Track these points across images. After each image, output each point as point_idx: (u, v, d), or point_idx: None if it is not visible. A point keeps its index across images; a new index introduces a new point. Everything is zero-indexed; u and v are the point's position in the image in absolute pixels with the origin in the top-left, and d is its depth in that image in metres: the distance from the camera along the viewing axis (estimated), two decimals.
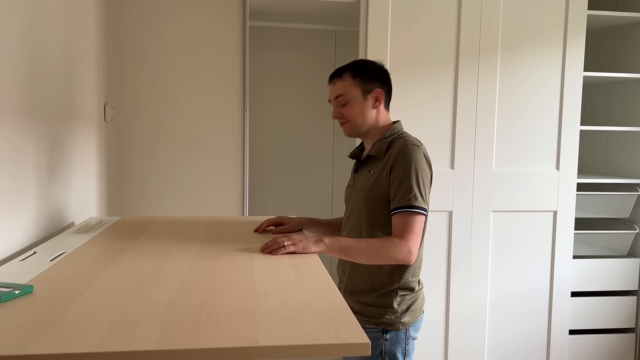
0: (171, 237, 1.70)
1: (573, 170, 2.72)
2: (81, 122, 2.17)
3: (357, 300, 1.74)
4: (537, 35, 2.64)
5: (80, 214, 2.12)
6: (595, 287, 2.86)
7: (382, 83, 1.76)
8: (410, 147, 1.65)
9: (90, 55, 2.34)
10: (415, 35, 2.57)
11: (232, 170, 2.91)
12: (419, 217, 1.61)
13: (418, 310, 1.75)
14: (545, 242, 2.74)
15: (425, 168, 1.65)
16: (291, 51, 3.29)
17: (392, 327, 1.69)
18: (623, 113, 3.03)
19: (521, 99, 2.66)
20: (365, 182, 1.74)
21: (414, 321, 1.73)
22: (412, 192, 1.60)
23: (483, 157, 2.65)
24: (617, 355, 2.89)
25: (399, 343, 1.70)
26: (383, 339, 1.70)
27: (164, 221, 1.97)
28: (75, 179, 2.08)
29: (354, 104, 1.74)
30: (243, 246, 1.57)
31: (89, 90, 2.29)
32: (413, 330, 1.74)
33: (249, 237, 1.74)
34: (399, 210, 1.61)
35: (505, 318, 2.72)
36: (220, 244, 1.60)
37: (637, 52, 2.93)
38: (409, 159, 1.62)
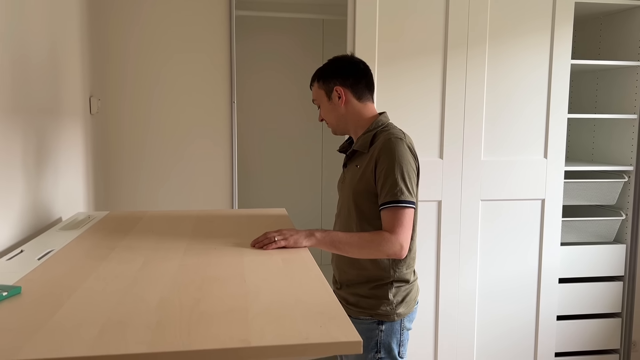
0: (160, 232, 1.69)
1: (561, 158, 2.73)
2: (66, 116, 2.14)
3: (353, 292, 1.76)
4: (524, 24, 2.63)
5: (67, 208, 2.10)
6: (583, 274, 2.90)
7: (343, 78, 1.75)
8: (394, 140, 1.64)
9: (75, 47, 2.30)
10: (404, 25, 2.56)
11: (221, 162, 2.89)
12: (407, 211, 1.61)
13: (412, 301, 1.76)
14: (534, 229, 2.76)
15: (409, 160, 1.65)
16: (279, 41, 3.26)
17: (388, 319, 1.71)
18: (610, 100, 3.05)
19: (509, 88, 2.66)
20: (352, 177, 1.74)
21: (409, 312, 1.75)
22: (398, 187, 1.60)
23: (472, 147, 2.66)
24: (603, 339, 2.94)
25: (394, 334, 1.72)
26: (378, 330, 1.72)
27: (152, 216, 1.96)
28: (62, 173, 2.06)
29: (323, 107, 1.80)
30: (233, 241, 1.56)
31: (73, 82, 2.26)
32: (408, 321, 1.75)
33: (239, 231, 1.73)
34: (387, 206, 1.61)
35: (494, 305, 2.75)
36: (210, 238, 1.60)
37: (623, 39, 2.94)
38: (393, 153, 1.62)
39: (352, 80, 1.74)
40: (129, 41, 2.78)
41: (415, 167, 1.68)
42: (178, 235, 1.64)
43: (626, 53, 2.91)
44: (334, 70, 1.76)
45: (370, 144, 1.70)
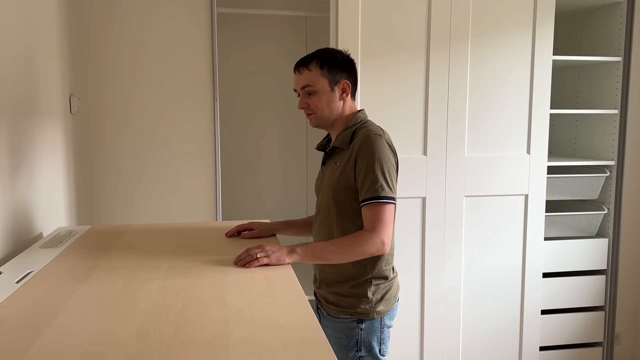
0: (142, 249, 1.66)
1: (543, 153, 2.75)
2: (45, 116, 2.09)
3: (332, 291, 1.76)
4: (506, 20, 2.63)
5: (48, 216, 2.06)
6: (566, 268, 2.93)
7: (348, 73, 1.74)
8: (373, 137, 1.64)
9: (53, 45, 2.24)
10: (387, 21, 2.54)
11: (204, 160, 2.86)
12: (388, 207, 1.61)
13: (393, 298, 1.76)
14: (517, 225, 2.78)
15: (389, 157, 1.65)
16: (261, 38, 3.22)
17: (368, 317, 1.71)
18: (591, 96, 3.06)
19: (492, 83, 2.66)
20: (332, 175, 1.73)
21: (389, 309, 1.75)
22: (379, 183, 1.60)
23: (455, 143, 2.66)
24: (587, 333, 2.98)
25: (374, 332, 1.72)
26: (358, 329, 1.72)
27: (134, 230, 1.92)
28: (42, 177, 2.02)
29: (321, 95, 1.72)
30: (216, 258, 1.54)
31: (52, 81, 2.21)
32: (388, 318, 1.75)
33: (221, 246, 1.72)
34: (367, 202, 1.61)
35: (479, 300, 2.77)
36: (193, 255, 1.57)
37: (604, 35, 2.95)
38: (372, 149, 1.62)
39: (353, 78, 1.76)
40: (109, 39, 2.73)
41: (394, 164, 1.68)
42: (160, 251, 1.62)
43: (607, 49, 2.92)
44: (342, 63, 1.73)
45: (350, 141, 1.69)
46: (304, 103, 1.74)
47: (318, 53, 1.75)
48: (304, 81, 1.72)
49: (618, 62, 2.86)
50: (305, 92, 1.73)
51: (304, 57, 1.75)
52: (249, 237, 1.83)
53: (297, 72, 1.75)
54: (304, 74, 1.73)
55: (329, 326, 1.78)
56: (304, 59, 1.74)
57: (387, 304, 1.74)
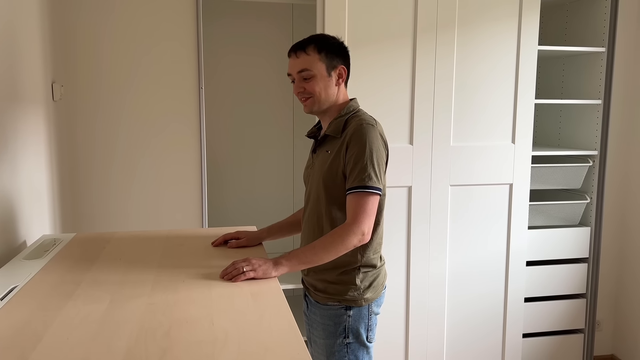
0: (128, 260, 1.64)
1: (528, 143, 2.77)
2: (26, 103, 2.05)
3: (321, 279, 1.76)
4: (492, 10, 2.64)
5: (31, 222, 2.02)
6: (549, 256, 2.96)
7: (345, 59, 1.75)
8: (366, 126, 1.64)
9: (34, 30, 2.21)
10: (374, 9, 2.54)
11: (190, 149, 2.85)
12: (372, 197, 1.62)
13: (380, 285, 1.78)
14: (502, 214, 2.80)
15: (380, 147, 1.65)
16: (247, 26, 3.19)
17: (355, 304, 1.72)
18: (576, 86, 3.09)
19: (478, 73, 2.67)
20: (323, 163, 1.73)
21: (377, 297, 1.76)
22: (367, 172, 1.61)
23: (441, 132, 2.67)
24: (569, 320, 3.02)
25: (362, 319, 1.73)
26: (346, 316, 1.73)
27: (120, 239, 1.90)
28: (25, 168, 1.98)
29: (318, 80, 1.69)
30: (202, 272, 1.52)
31: (33, 67, 2.17)
32: (375, 305, 1.77)
33: (208, 257, 1.70)
34: (353, 191, 1.62)
35: (463, 288, 2.79)
36: (179, 268, 1.55)
37: (588, 26, 2.98)
38: (364, 139, 1.62)
39: (348, 65, 1.76)
40: (93, 25, 2.69)
41: (385, 155, 1.69)
42: (146, 264, 1.60)
43: (591, 39, 2.95)
44: (339, 49, 1.73)
45: (343, 129, 1.69)
46: (300, 87, 1.70)
47: (315, 37, 1.72)
48: (301, 65, 1.69)
49: (602, 53, 2.89)
50: (301, 77, 1.69)
51: (300, 41, 1.72)
52: (235, 247, 1.84)
53: (294, 55, 1.71)
54: (300, 58, 1.69)
55: (316, 313, 1.79)
56: (301, 43, 1.70)
57: (375, 291, 1.75)
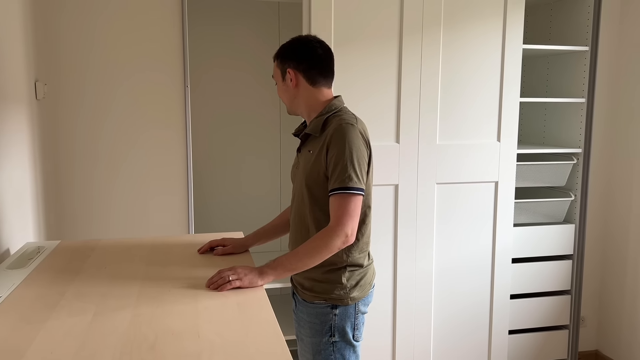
0: (113, 270, 1.62)
1: (513, 141, 2.79)
2: (8, 101, 2.02)
3: (307, 277, 1.76)
4: (478, 10, 2.66)
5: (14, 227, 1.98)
6: (534, 253, 2.99)
7: (297, 61, 1.73)
8: (345, 126, 1.64)
9: (16, 27, 2.18)
10: (360, 9, 2.54)
11: (176, 148, 2.83)
12: (355, 198, 1.61)
13: (367, 285, 1.78)
14: (487, 211, 2.82)
15: (360, 147, 1.64)
16: (233, 24, 3.18)
17: (342, 302, 1.72)
18: (560, 84, 3.12)
19: (463, 72, 2.69)
20: (306, 163, 1.74)
21: (363, 296, 1.76)
22: (347, 173, 1.60)
23: (427, 131, 2.69)
24: (554, 316, 3.05)
25: (348, 318, 1.73)
26: (332, 314, 1.73)
27: (104, 246, 1.87)
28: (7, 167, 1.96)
29: (279, 86, 1.80)
30: (188, 281, 1.51)
31: (14, 65, 2.14)
32: (362, 304, 1.77)
33: (194, 265, 1.69)
34: (335, 192, 1.62)
35: (450, 286, 2.81)
36: (165, 278, 1.54)
37: (572, 25, 3.01)
38: (344, 139, 1.62)
39: (305, 65, 1.73)
40: (76, 23, 2.66)
41: (367, 154, 1.69)
42: (131, 273, 1.58)
43: (575, 38, 2.98)
44: (291, 52, 1.75)
45: (322, 129, 1.70)
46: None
47: (281, 45, 1.80)
48: (273, 72, 1.81)
49: (585, 52, 2.92)
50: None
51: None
52: (221, 254, 1.84)
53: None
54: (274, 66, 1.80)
55: (303, 311, 1.79)
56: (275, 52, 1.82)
57: (362, 291, 1.75)
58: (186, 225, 2.86)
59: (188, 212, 2.84)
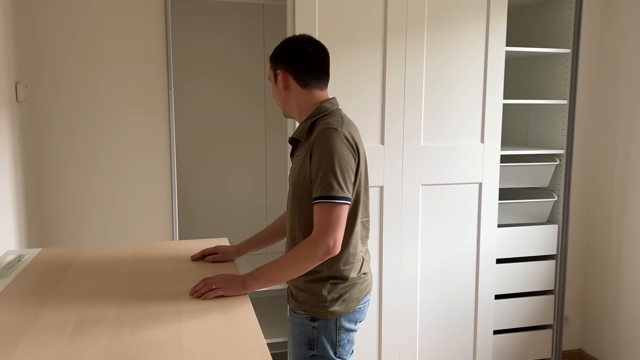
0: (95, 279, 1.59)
1: (497, 143, 2.81)
2: None
3: (293, 285, 1.72)
4: (461, 12, 2.67)
5: None
6: (518, 254, 3.01)
7: (287, 62, 1.69)
8: (328, 131, 1.58)
9: None
10: (344, 10, 2.54)
11: (159, 151, 2.81)
12: (338, 207, 1.54)
13: (354, 300, 1.69)
14: (472, 212, 2.84)
15: (344, 153, 1.57)
16: (218, 26, 3.17)
17: (320, 315, 1.65)
18: (543, 86, 3.15)
19: (447, 74, 2.70)
20: (294, 169, 1.70)
21: (347, 312, 1.67)
22: (328, 182, 1.53)
23: (412, 133, 2.70)
24: (538, 315, 3.08)
25: (328, 332, 1.66)
26: (311, 326, 1.66)
27: (87, 254, 1.85)
28: None
29: (272, 88, 1.77)
30: (172, 289, 1.50)
31: None
32: (346, 321, 1.68)
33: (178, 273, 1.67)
34: (317, 202, 1.55)
35: (435, 286, 2.82)
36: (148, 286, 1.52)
37: (554, 27, 3.04)
38: (326, 145, 1.56)
39: (295, 67, 1.68)
40: (58, 24, 2.64)
41: (353, 160, 1.60)
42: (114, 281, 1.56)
43: (557, 40, 3.02)
44: (283, 53, 1.71)
45: (309, 133, 1.65)
46: None
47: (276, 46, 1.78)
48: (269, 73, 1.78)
49: (567, 54, 2.95)
50: None
51: None
52: (212, 261, 1.80)
53: None
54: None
55: (290, 320, 1.76)
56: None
57: (346, 306, 1.67)
58: (170, 230, 2.84)
59: (172, 216, 2.82)
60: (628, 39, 3.01)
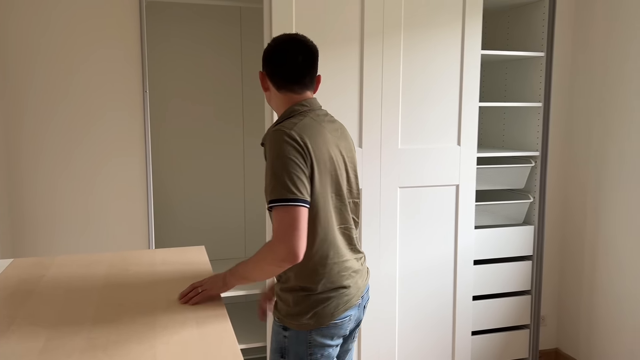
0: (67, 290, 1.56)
1: (473, 145, 2.84)
2: None
3: (275, 290, 1.69)
4: (437, 16, 2.70)
5: None
6: (495, 255, 3.04)
7: (266, 64, 1.67)
8: (275, 133, 1.52)
9: None
10: (321, 13, 2.55)
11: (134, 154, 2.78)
12: (291, 210, 1.44)
13: (327, 316, 1.57)
14: (449, 214, 2.86)
15: (288, 154, 1.48)
16: (194, 29, 3.15)
17: (291, 326, 1.59)
18: (518, 89, 3.19)
19: (424, 77, 2.72)
20: None
21: (319, 326, 1.57)
22: (274, 184, 1.47)
23: (389, 136, 2.71)
24: (515, 315, 3.11)
25: (299, 344, 1.59)
26: (282, 335, 1.62)
27: (60, 264, 1.81)
28: None
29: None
30: (146, 298, 1.48)
31: None
32: (319, 335, 1.58)
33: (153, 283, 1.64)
34: (270, 206, 1.49)
35: (413, 288, 2.83)
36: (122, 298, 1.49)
37: (529, 31, 3.09)
38: (272, 148, 1.51)
39: (270, 69, 1.66)
40: (31, 25, 2.59)
41: (302, 160, 1.50)
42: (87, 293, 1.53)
43: (532, 44, 3.06)
44: (264, 54, 1.68)
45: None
46: None
47: None
48: None
49: (541, 57, 3.00)
50: None
51: None
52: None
53: None
54: None
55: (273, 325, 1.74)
56: None
57: (317, 320, 1.57)
58: (146, 235, 2.81)
59: (148, 222, 2.79)
60: (600, 41, 3.07)
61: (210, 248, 3.30)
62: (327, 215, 1.57)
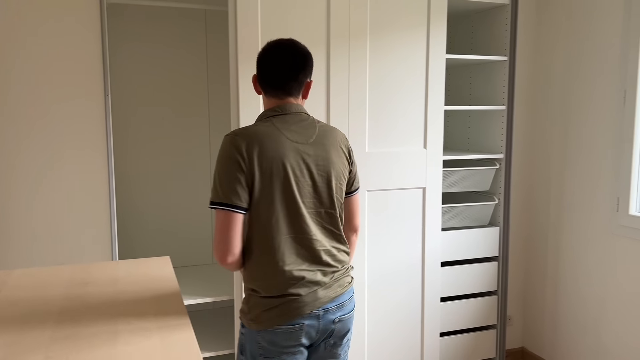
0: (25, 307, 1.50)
1: (439, 148, 2.86)
2: None
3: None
4: (403, 20, 2.71)
5: None
6: (462, 256, 3.07)
7: (256, 68, 1.71)
8: (225, 136, 1.60)
9: None
10: (287, 16, 2.53)
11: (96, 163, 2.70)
12: (220, 214, 1.53)
13: (272, 319, 1.57)
14: (416, 217, 2.87)
15: (227, 159, 1.53)
16: (158, 31, 3.09)
17: (243, 322, 1.66)
18: (483, 93, 3.24)
19: (390, 82, 2.73)
20: None
21: (265, 328, 1.59)
22: (212, 187, 1.57)
23: (357, 139, 2.71)
24: (482, 316, 3.15)
25: (250, 342, 1.63)
26: (241, 332, 1.68)
27: (18, 278, 1.75)
28: None
29: None
30: (108, 317, 1.43)
31: None
32: (267, 336, 1.59)
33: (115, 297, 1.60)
34: (209, 207, 1.63)
35: (382, 291, 2.83)
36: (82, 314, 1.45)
37: (492, 35, 3.13)
38: (219, 151, 1.59)
39: (258, 73, 1.70)
40: None
41: (239, 164, 1.52)
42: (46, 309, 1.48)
43: (495, 48, 3.11)
44: (257, 58, 1.72)
45: None
46: None
47: None
48: None
49: (504, 61, 3.05)
50: None
51: None
52: None
53: None
54: None
55: None
56: None
57: (263, 322, 1.59)
58: (109, 244, 2.73)
59: (111, 232, 2.71)
60: (560, 45, 3.14)
61: (175, 252, 3.24)
62: (270, 222, 1.56)
